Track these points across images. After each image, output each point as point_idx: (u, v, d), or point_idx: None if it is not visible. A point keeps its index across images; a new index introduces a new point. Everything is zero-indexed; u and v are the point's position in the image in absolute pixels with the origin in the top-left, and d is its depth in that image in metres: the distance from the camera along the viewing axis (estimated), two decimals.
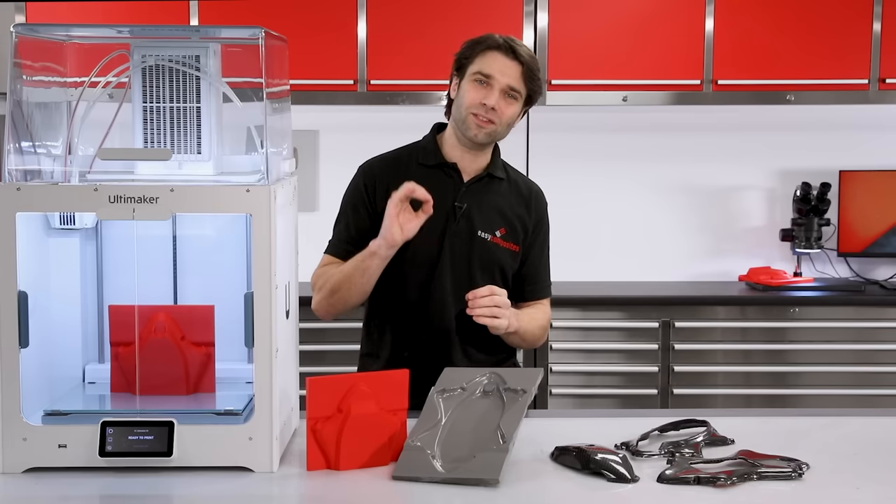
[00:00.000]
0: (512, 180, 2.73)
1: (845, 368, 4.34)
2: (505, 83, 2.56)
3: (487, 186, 2.68)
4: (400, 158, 2.71)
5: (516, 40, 2.61)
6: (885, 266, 4.75)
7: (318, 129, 4.72)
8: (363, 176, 2.69)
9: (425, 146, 2.70)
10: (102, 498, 1.95)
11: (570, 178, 4.68)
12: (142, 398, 2.12)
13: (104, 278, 2.26)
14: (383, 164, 2.70)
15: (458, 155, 2.67)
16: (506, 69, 2.56)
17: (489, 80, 2.56)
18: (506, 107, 2.58)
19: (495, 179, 2.69)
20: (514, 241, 2.69)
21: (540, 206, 2.76)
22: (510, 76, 2.57)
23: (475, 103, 2.56)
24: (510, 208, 2.70)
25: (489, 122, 2.57)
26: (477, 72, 2.57)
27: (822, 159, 4.72)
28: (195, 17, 4.32)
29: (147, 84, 2.13)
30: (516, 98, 2.59)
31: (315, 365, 3.88)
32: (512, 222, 2.69)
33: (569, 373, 4.32)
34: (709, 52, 4.38)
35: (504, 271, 2.68)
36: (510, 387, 2.11)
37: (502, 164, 2.73)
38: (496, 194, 2.69)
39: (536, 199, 2.75)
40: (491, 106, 2.56)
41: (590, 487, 1.97)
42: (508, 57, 2.57)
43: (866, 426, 2.37)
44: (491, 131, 2.59)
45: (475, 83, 2.58)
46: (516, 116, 2.63)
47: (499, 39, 2.59)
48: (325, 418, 2.03)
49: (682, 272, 4.78)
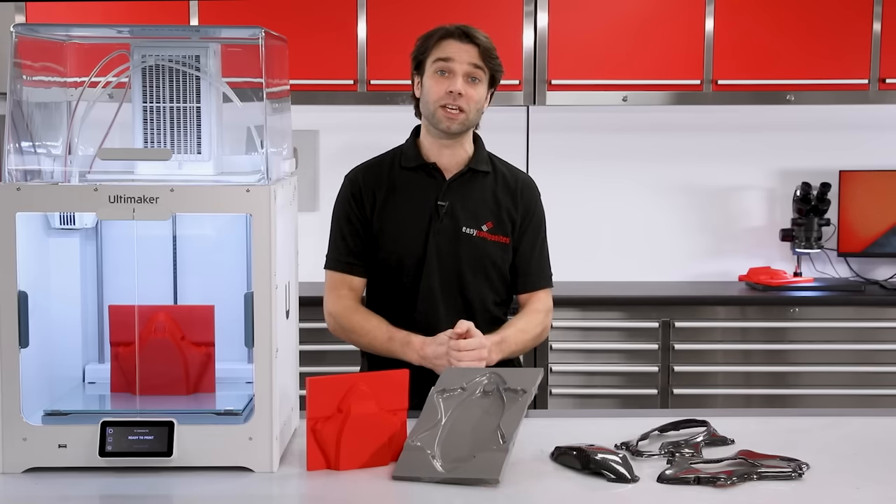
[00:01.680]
0: (499, 172, 2.73)
1: (845, 368, 4.34)
2: (465, 66, 2.58)
3: (471, 181, 2.68)
4: (383, 163, 2.73)
5: (468, 26, 2.63)
6: (885, 266, 4.75)
7: (318, 129, 4.72)
8: (350, 186, 2.72)
9: (406, 149, 2.72)
10: (102, 498, 1.95)
11: (570, 178, 4.68)
12: (142, 398, 2.12)
13: (104, 278, 2.26)
14: (367, 171, 2.73)
15: (436, 153, 2.68)
16: (463, 52, 2.59)
17: (449, 67, 2.58)
18: (472, 90, 2.59)
19: (479, 174, 2.69)
20: (503, 234, 2.68)
21: (528, 196, 2.73)
22: (469, 58, 2.59)
23: (441, 94, 2.58)
24: (496, 201, 2.69)
25: (459, 112, 2.59)
26: (436, 59, 2.60)
27: (822, 159, 4.72)
28: (195, 17, 4.32)
29: (147, 84, 2.13)
30: (479, 80, 2.61)
31: (315, 365, 3.88)
32: (499, 215, 2.68)
33: (569, 373, 4.32)
34: (709, 52, 4.38)
35: (496, 264, 2.68)
36: (510, 387, 2.11)
37: (487, 157, 2.73)
38: (481, 188, 2.68)
39: (524, 189, 2.73)
40: (458, 92, 2.57)
41: (590, 487, 1.97)
42: (463, 41, 2.60)
43: (866, 426, 2.37)
44: (462, 120, 2.61)
45: (436, 75, 2.60)
46: (484, 100, 2.64)
47: (450, 27, 2.62)
48: (325, 418, 2.03)
49: (682, 272, 4.78)
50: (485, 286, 2.67)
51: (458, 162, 2.68)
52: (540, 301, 2.74)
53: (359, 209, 2.67)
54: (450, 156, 2.68)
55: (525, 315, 2.71)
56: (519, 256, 2.71)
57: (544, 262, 2.76)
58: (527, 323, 2.69)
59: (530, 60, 4.34)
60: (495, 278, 2.68)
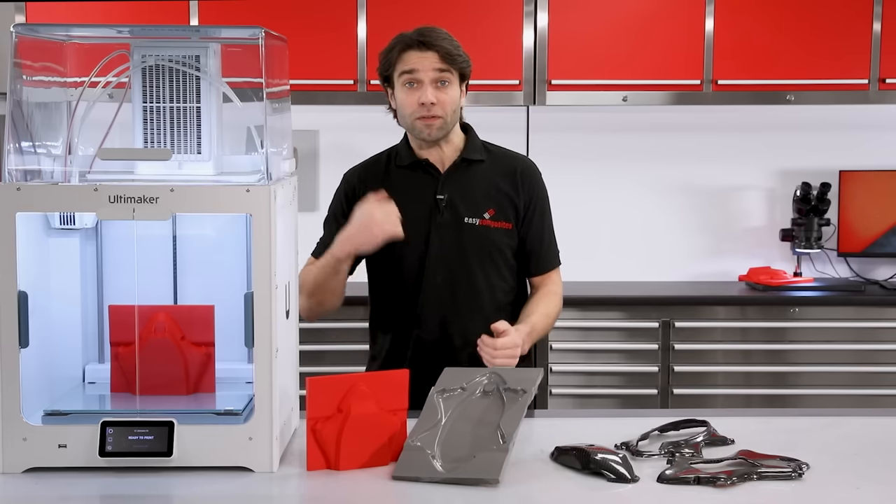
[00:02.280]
0: (495, 158, 2.73)
1: (845, 368, 4.34)
2: (431, 73, 2.59)
3: (467, 171, 2.69)
4: (379, 162, 2.76)
5: (426, 29, 2.64)
6: (885, 266, 4.75)
7: (318, 129, 4.72)
8: (344, 185, 2.76)
9: (400, 148, 2.74)
10: (102, 498, 1.95)
11: (570, 178, 4.68)
12: (142, 398, 2.12)
13: (104, 278, 2.26)
14: (362, 170, 2.76)
15: (426, 152, 2.70)
16: (425, 61, 2.59)
17: (415, 77, 2.59)
18: (443, 95, 2.60)
19: (474, 163, 2.70)
20: (506, 219, 2.68)
21: (530, 179, 2.73)
22: (432, 64, 2.59)
23: (414, 107, 2.60)
24: (496, 187, 2.70)
25: (435, 118, 2.60)
26: (401, 73, 2.61)
27: (822, 159, 4.72)
28: (195, 17, 4.32)
29: (147, 84, 2.13)
30: (448, 81, 2.61)
31: (315, 365, 3.88)
32: (500, 201, 2.69)
33: (569, 373, 4.32)
34: (709, 52, 4.38)
35: (501, 251, 2.68)
36: (510, 387, 2.11)
37: (481, 146, 2.74)
38: (477, 177, 2.69)
39: (524, 173, 2.73)
40: (430, 102, 2.58)
41: (590, 487, 1.97)
42: (423, 50, 2.60)
43: (866, 426, 2.37)
44: (441, 125, 2.62)
45: (405, 87, 2.61)
46: (458, 99, 2.64)
47: (407, 37, 2.63)
48: (325, 418, 2.03)
49: (682, 272, 4.78)
50: (493, 274, 2.68)
51: (450, 155, 2.70)
52: (553, 282, 2.77)
53: (348, 209, 2.67)
54: (440, 151, 2.70)
55: (544, 298, 2.73)
56: (529, 240, 2.72)
57: (553, 242, 2.78)
58: (547, 306, 2.72)
59: (530, 60, 4.34)
60: (502, 265, 2.69)
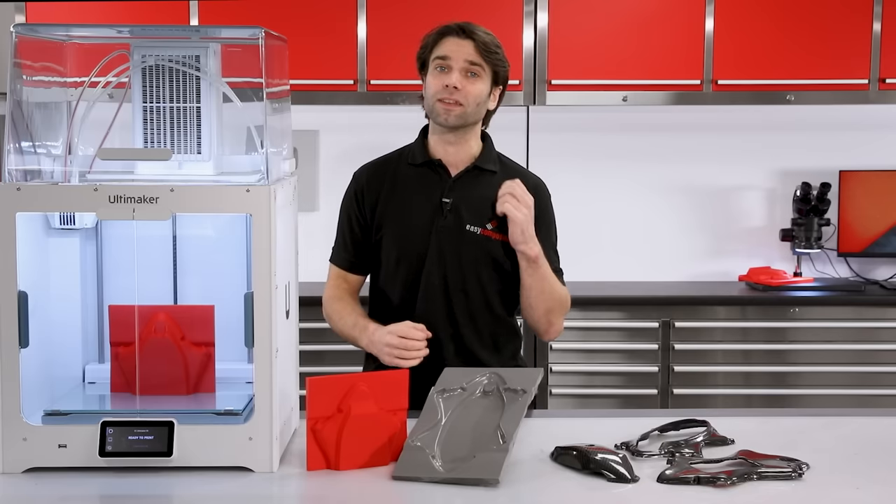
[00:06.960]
0: (508, 171, 2.71)
1: (845, 368, 4.34)
2: (462, 61, 2.60)
3: (476, 179, 2.68)
4: (389, 161, 2.75)
5: (471, 24, 2.65)
6: (885, 266, 4.75)
7: (318, 129, 4.72)
8: (354, 183, 2.75)
9: (414, 147, 2.73)
10: (102, 498, 1.95)
11: (570, 178, 4.68)
12: (142, 398, 2.12)
13: (104, 278, 2.26)
14: (373, 168, 2.75)
15: (442, 150, 2.68)
16: (460, 48, 2.61)
17: (447, 63, 2.60)
18: (469, 84, 2.60)
19: (486, 172, 2.69)
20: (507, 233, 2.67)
21: (538, 199, 2.67)
22: (465, 53, 2.60)
23: (438, 89, 2.60)
24: None
25: (456, 104, 2.60)
26: (436, 57, 2.62)
27: (822, 159, 4.72)
28: (195, 17, 4.32)
29: (147, 84, 2.13)
30: (478, 74, 2.61)
31: (315, 365, 3.88)
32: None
33: (569, 373, 4.32)
34: (709, 52, 4.38)
35: (499, 263, 2.67)
36: (510, 387, 2.11)
37: (496, 157, 2.73)
38: (486, 187, 2.67)
39: (533, 193, 2.68)
40: (454, 85, 2.58)
41: (590, 487, 1.97)
42: (461, 37, 2.62)
43: (866, 426, 2.37)
44: (460, 113, 2.61)
45: (436, 71, 2.62)
46: (485, 95, 2.64)
47: (451, 25, 2.65)
48: (325, 418, 2.03)
49: (682, 272, 4.78)
50: (488, 284, 2.67)
51: (463, 159, 2.69)
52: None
53: (359, 208, 2.69)
54: (455, 153, 2.68)
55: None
56: None
57: (554, 261, 2.71)
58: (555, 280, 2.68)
59: (530, 60, 4.34)
60: (500, 276, 2.67)
